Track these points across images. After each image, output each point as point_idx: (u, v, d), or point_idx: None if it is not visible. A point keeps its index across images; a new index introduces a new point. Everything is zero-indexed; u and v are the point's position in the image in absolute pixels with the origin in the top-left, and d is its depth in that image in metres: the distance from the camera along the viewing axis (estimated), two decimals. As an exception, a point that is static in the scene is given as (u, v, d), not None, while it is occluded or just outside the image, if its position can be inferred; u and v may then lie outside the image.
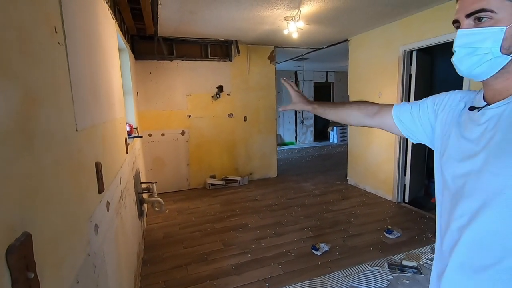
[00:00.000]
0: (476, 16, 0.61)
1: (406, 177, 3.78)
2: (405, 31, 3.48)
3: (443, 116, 0.78)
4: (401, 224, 3.16)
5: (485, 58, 0.62)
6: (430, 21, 3.15)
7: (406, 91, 3.62)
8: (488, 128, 0.63)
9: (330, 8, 2.96)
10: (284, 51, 5.22)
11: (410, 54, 3.55)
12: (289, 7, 2.90)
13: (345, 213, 3.55)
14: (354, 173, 4.65)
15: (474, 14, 0.61)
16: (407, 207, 3.67)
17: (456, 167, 0.68)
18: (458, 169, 0.68)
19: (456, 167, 0.68)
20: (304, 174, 5.38)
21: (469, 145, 0.66)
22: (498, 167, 0.58)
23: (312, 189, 4.49)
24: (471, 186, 0.63)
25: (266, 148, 5.17)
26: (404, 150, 3.74)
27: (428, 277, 2.17)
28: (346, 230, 3.08)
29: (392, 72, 3.72)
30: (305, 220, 3.37)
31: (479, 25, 0.61)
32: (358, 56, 4.33)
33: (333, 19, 3.36)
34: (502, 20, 0.59)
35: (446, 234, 0.69)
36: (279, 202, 3.97)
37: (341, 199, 4.04)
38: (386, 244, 2.77)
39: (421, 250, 2.61)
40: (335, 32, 4.01)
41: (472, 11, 0.61)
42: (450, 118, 0.76)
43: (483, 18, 0.60)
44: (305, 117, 8.87)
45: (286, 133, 8.82)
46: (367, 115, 0.98)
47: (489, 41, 0.60)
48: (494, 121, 0.63)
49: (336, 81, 9.03)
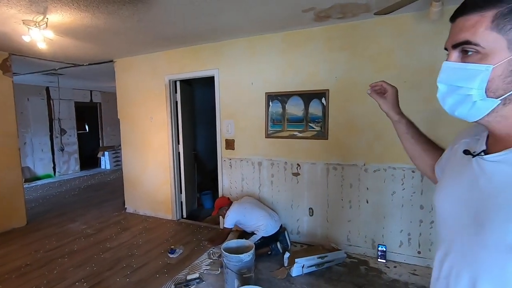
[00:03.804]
0: (463, 48, 0.53)
1: (182, 194, 4.10)
2: (169, 62, 3.83)
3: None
4: (182, 240, 3.36)
5: (468, 99, 0.53)
6: (188, 57, 3.68)
7: (174, 115, 3.97)
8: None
9: (88, 24, 2.68)
10: (28, 61, 4.09)
11: (175, 83, 3.94)
12: (30, 10, 2.31)
13: (126, 246, 3.26)
14: (132, 200, 4.42)
15: (460, 46, 0.53)
16: (186, 222, 3.98)
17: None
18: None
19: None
20: (70, 213, 4.41)
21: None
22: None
23: (82, 229, 3.76)
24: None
25: (3, 188, 3.73)
26: (178, 169, 4.05)
27: (210, 281, 2.42)
28: (129, 265, 2.83)
29: (161, 98, 3.95)
30: (76, 271, 2.74)
31: (466, 59, 0.53)
32: (127, 79, 4.23)
33: (94, 36, 3.07)
34: (491, 56, 0.50)
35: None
36: (33, 260, 2.96)
37: (121, 231, 3.68)
38: (171, 265, 2.83)
39: (200, 259, 2.90)
40: (98, 50, 3.68)
41: (457, 42, 0.54)
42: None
43: (470, 51, 0.52)
44: (66, 142, 7.35)
45: (39, 163, 6.87)
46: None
47: (473, 81, 0.52)
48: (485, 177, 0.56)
49: (103, 102, 8.27)
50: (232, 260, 2.26)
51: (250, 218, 2.96)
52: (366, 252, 2.92)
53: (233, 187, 3.58)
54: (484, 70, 0.51)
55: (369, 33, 2.72)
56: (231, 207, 3.04)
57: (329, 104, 2.95)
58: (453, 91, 0.55)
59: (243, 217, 2.97)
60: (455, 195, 0.62)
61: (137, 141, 4.25)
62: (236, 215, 2.96)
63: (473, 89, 0.52)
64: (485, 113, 0.53)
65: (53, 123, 7.06)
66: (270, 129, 3.28)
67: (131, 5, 2.30)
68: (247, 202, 3.12)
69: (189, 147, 4.29)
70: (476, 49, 0.51)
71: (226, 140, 3.55)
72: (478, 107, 0.53)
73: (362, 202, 2.90)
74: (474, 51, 0.52)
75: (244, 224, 3.02)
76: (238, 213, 2.97)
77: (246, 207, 3.03)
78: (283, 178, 3.27)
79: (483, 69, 0.51)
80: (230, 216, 2.95)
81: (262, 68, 3.25)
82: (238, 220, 2.97)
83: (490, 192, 0.54)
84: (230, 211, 2.98)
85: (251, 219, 2.96)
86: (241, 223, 3.01)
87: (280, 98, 3.19)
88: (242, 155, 3.48)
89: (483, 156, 0.57)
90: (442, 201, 0.66)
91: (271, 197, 3.35)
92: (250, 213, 2.98)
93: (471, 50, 0.52)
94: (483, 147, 0.59)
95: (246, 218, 2.97)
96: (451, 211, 0.62)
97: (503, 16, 0.49)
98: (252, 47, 3.27)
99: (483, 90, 0.51)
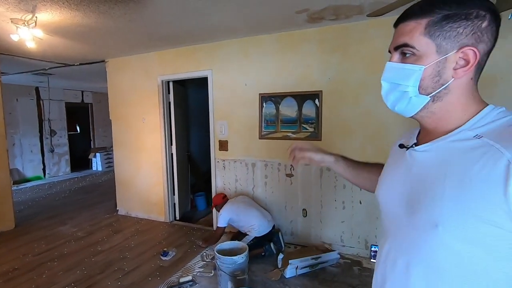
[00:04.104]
0: (403, 50, 0.60)
1: (175, 196, 4.06)
2: (162, 63, 3.80)
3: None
4: (175, 242, 3.33)
5: (405, 96, 0.61)
6: (181, 57, 3.65)
7: (167, 116, 3.94)
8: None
9: (79, 23, 2.64)
10: (17, 60, 4.01)
11: (168, 84, 3.90)
12: (19, 8, 2.26)
13: (118, 249, 3.21)
14: (124, 202, 4.36)
15: (400, 48, 0.61)
16: (179, 224, 3.94)
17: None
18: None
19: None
20: (61, 215, 4.32)
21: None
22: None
23: (73, 232, 3.69)
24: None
25: (-9, 191, 3.65)
26: (171, 171, 4.01)
27: (203, 284, 2.39)
28: (121, 268, 2.79)
29: (153, 99, 3.91)
30: (66, 275, 2.68)
31: (405, 60, 0.60)
32: (119, 79, 4.17)
33: (85, 36, 3.02)
34: (424, 58, 0.58)
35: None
36: (21, 264, 2.89)
37: (112, 234, 3.63)
38: (163, 267, 2.79)
39: (193, 261, 2.87)
40: (90, 50, 3.63)
41: (397, 44, 0.61)
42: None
43: (407, 53, 0.60)
44: (56, 144, 7.23)
45: (28, 165, 6.74)
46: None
47: (409, 79, 0.59)
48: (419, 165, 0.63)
49: (95, 102, 8.16)
50: (225, 262, 2.24)
51: (243, 217, 2.95)
52: (359, 253, 2.93)
53: (226, 188, 3.56)
54: (417, 70, 0.58)
55: (362, 35, 2.74)
56: (225, 205, 3.04)
57: (322, 105, 2.96)
58: (394, 88, 0.62)
59: (236, 216, 2.97)
60: (393, 187, 0.69)
61: (130, 142, 4.20)
62: (229, 213, 2.96)
63: (409, 86, 0.60)
64: (418, 108, 0.61)
65: (43, 124, 6.93)
66: (263, 130, 3.27)
67: (122, 4, 2.27)
68: (241, 201, 3.11)
69: (182, 148, 4.25)
70: (413, 51, 0.58)
71: (220, 141, 3.53)
72: (413, 103, 0.61)
73: (355, 203, 2.91)
74: (411, 53, 0.59)
75: (237, 223, 3.01)
76: (231, 212, 2.97)
77: (239, 206, 3.02)
78: (277, 179, 3.27)
79: (417, 69, 0.58)
80: (223, 214, 2.96)
81: (255, 69, 3.24)
82: (231, 218, 2.97)
83: (420, 177, 0.61)
84: (223, 210, 2.98)
85: (244, 219, 2.95)
86: (234, 221, 3.00)
87: (274, 99, 3.19)
88: (236, 156, 3.46)
89: (414, 148, 0.65)
90: (383, 195, 0.73)
91: (265, 198, 3.34)
92: (243, 212, 2.97)
93: (408, 52, 0.59)
94: (414, 140, 0.68)
95: (239, 217, 2.96)
96: (391, 202, 0.69)
97: (433, 24, 0.57)
98: (245, 48, 3.26)
99: (416, 87, 0.59)
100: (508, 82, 2.28)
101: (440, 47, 0.57)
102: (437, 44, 0.57)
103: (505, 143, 0.50)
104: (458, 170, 0.54)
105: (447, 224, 0.53)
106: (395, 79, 0.62)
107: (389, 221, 0.70)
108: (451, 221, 0.53)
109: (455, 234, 0.53)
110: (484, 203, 0.50)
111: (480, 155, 0.52)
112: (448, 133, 0.60)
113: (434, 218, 0.55)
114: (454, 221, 0.53)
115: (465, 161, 0.54)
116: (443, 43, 0.57)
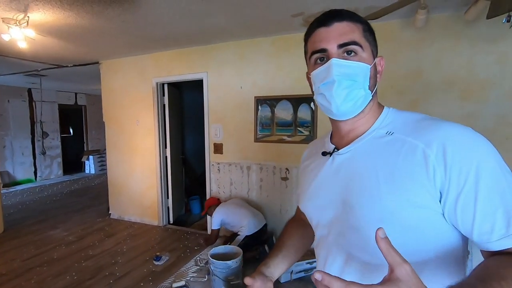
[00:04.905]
0: (348, 49, 0.59)
1: (169, 199, 4.01)
2: (156, 65, 3.77)
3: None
4: (168, 247, 3.27)
5: (360, 93, 0.60)
6: (176, 60, 3.63)
7: (162, 119, 3.90)
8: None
9: (72, 24, 2.60)
10: (9, 61, 3.94)
11: (162, 86, 3.87)
12: (10, 7, 2.22)
13: (109, 253, 3.14)
14: (117, 205, 4.29)
15: (348, 45, 0.59)
16: (172, 228, 3.89)
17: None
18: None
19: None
20: (52, 219, 4.24)
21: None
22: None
23: (64, 236, 3.61)
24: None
25: (-20, 194, 3.56)
26: (165, 174, 3.96)
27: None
28: (113, 273, 2.73)
29: (148, 101, 3.87)
30: (55, 280, 2.61)
31: (349, 59, 0.59)
32: (113, 81, 4.13)
33: (78, 37, 2.98)
34: (366, 58, 0.60)
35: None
36: (9, 269, 2.81)
37: (104, 238, 3.56)
38: (156, 272, 2.74)
39: (187, 266, 2.82)
40: (83, 51, 3.58)
41: (345, 41, 0.59)
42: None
43: (352, 52, 0.59)
44: (48, 146, 7.12)
45: (19, 168, 6.61)
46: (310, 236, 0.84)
47: (363, 77, 0.60)
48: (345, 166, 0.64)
49: (88, 104, 8.07)
50: (219, 267, 2.20)
51: (233, 217, 2.97)
52: (354, 257, 2.91)
53: (221, 191, 3.53)
54: (367, 69, 0.60)
55: (357, 39, 2.75)
56: (217, 208, 3.09)
57: (317, 109, 2.96)
58: (351, 85, 0.60)
59: (227, 217, 2.99)
60: (322, 195, 0.68)
61: (123, 145, 4.15)
62: (220, 215, 3.00)
63: (363, 84, 0.60)
64: (362, 107, 0.62)
65: (35, 126, 6.82)
66: (259, 133, 3.26)
67: (117, 5, 2.24)
68: (232, 203, 3.14)
69: (177, 151, 4.21)
70: (358, 51, 0.59)
71: (215, 144, 3.50)
72: (361, 102, 0.61)
73: (350, 207, 2.90)
74: (355, 53, 0.60)
75: (229, 224, 3.03)
76: (221, 214, 3.01)
77: (229, 207, 3.06)
78: (272, 183, 3.24)
79: (366, 68, 0.60)
80: (215, 216, 3.01)
81: (251, 72, 3.23)
82: (223, 219, 3.00)
83: (351, 177, 0.62)
84: (215, 212, 3.04)
85: (234, 219, 2.97)
86: (226, 222, 3.02)
87: (269, 102, 3.18)
88: (231, 159, 3.44)
89: (337, 152, 0.66)
90: (312, 206, 0.72)
91: (260, 201, 3.31)
92: (233, 212, 2.99)
93: (353, 51, 0.59)
94: (332, 146, 0.68)
95: (230, 218, 2.99)
96: (323, 209, 0.67)
97: (367, 30, 0.62)
98: (241, 51, 3.26)
99: (367, 86, 0.61)
100: (501, 87, 2.30)
101: (373, 52, 0.63)
102: (371, 48, 0.63)
103: (415, 135, 0.56)
104: (387, 162, 0.57)
105: (391, 217, 0.55)
106: (351, 76, 0.59)
107: (323, 228, 0.68)
108: (394, 213, 0.55)
109: (399, 224, 0.55)
110: (415, 189, 0.54)
111: (399, 148, 0.57)
112: (363, 134, 0.63)
113: (376, 214, 0.56)
114: (397, 213, 0.55)
115: (389, 153, 0.58)
116: (373, 49, 0.63)
